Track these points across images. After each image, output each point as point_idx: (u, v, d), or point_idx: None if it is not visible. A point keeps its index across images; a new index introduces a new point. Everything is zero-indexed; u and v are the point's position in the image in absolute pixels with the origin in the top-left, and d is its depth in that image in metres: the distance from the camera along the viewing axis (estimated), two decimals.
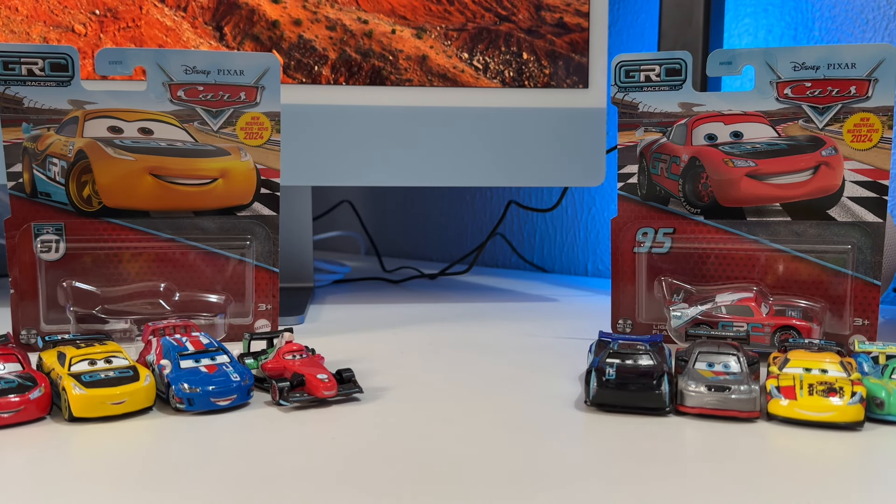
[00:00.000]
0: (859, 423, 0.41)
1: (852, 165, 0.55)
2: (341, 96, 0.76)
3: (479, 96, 0.77)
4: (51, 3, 0.70)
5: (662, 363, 0.44)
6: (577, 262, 1.09)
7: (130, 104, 0.58)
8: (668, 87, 0.58)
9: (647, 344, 0.48)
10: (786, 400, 0.41)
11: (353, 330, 0.67)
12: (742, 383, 0.42)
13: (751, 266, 0.57)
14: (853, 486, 0.34)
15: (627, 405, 0.43)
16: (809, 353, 0.45)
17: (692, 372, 0.44)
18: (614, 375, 0.43)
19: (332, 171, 0.76)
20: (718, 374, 0.44)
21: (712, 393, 0.42)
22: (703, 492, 0.33)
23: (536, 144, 0.77)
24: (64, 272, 0.58)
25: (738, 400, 0.42)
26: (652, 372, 0.43)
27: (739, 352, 0.45)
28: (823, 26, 0.87)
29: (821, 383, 0.42)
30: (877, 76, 0.53)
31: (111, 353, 0.45)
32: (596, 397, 0.43)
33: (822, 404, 0.40)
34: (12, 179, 0.57)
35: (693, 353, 0.46)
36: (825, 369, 0.43)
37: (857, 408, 0.40)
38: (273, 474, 0.35)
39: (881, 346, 0.47)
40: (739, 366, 0.44)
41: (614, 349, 0.46)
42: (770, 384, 0.43)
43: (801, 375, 0.43)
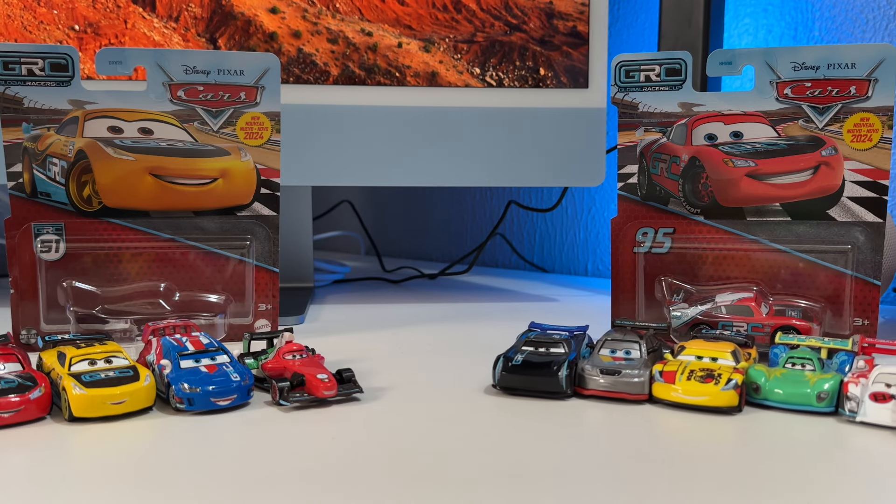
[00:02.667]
0: (735, 408, 0.43)
1: (852, 165, 0.55)
2: (341, 96, 0.76)
3: (479, 96, 0.77)
4: (24, 19, 0.65)
5: (570, 351, 0.48)
6: (577, 262, 1.09)
7: (130, 104, 0.58)
8: (668, 87, 0.58)
9: (569, 333, 0.51)
10: (665, 384, 0.45)
11: (353, 330, 0.67)
12: (634, 368, 0.46)
13: (751, 266, 0.57)
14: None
15: (529, 389, 0.47)
16: (706, 343, 0.48)
17: (594, 358, 0.48)
18: (520, 361, 0.47)
19: (332, 171, 0.76)
20: (617, 360, 0.47)
21: (605, 377, 0.46)
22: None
23: (536, 144, 0.77)
24: (64, 272, 0.58)
25: (627, 383, 0.45)
26: (553, 359, 0.47)
27: (643, 339, 0.49)
28: (823, 26, 0.87)
29: (702, 370, 0.45)
30: (877, 76, 0.53)
31: (111, 353, 0.45)
32: (501, 381, 0.47)
33: (697, 389, 0.44)
34: (12, 179, 0.57)
35: (602, 340, 0.49)
36: (715, 357, 0.46)
37: (731, 393, 0.43)
38: (273, 474, 0.35)
39: (803, 339, 0.49)
40: (639, 353, 0.48)
41: (531, 337, 0.49)
42: (656, 369, 0.46)
43: (687, 362, 0.46)
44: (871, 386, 0.41)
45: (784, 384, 0.44)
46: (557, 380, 0.46)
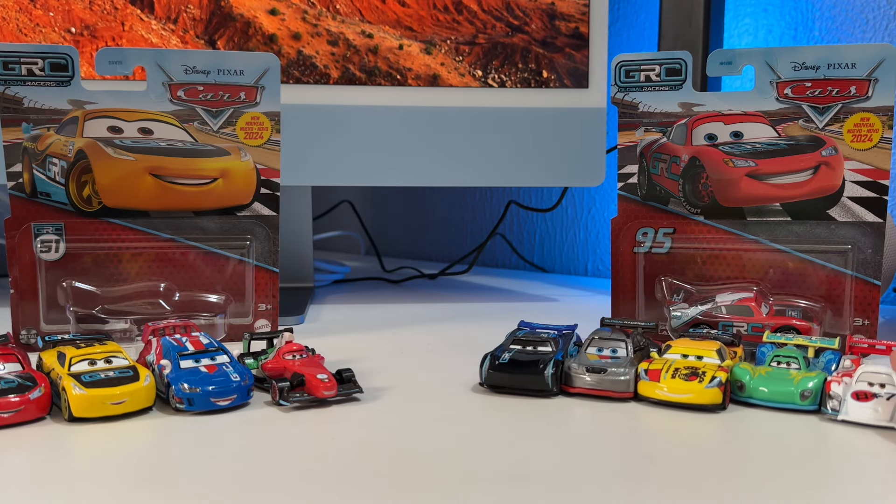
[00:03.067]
0: (718, 406, 0.44)
1: (852, 165, 0.55)
2: (341, 96, 0.76)
3: (478, 96, 0.77)
4: (20, 22, 0.64)
5: (556, 350, 0.48)
6: (577, 262, 1.09)
7: (130, 104, 0.58)
8: (668, 86, 0.58)
9: (557, 332, 0.51)
10: (650, 382, 0.45)
11: (353, 330, 0.67)
12: (620, 366, 0.46)
13: (751, 266, 0.57)
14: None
15: (516, 387, 0.47)
16: (692, 341, 0.48)
17: (581, 356, 0.48)
18: (507, 360, 0.47)
19: (332, 171, 0.76)
20: (603, 358, 0.47)
21: (591, 375, 0.46)
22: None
23: (536, 144, 0.77)
24: (64, 272, 0.58)
25: (613, 381, 0.46)
26: (540, 358, 0.47)
27: (629, 338, 0.49)
28: (823, 26, 0.87)
29: (686, 368, 0.45)
30: (877, 76, 0.53)
31: (111, 353, 0.45)
32: (488, 379, 0.47)
33: (681, 387, 0.44)
34: (12, 179, 0.57)
35: (589, 339, 0.49)
36: (700, 356, 0.46)
37: (715, 391, 0.43)
38: (273, 474, 0.35)
39: (790, 338, 0.49)
40: (625, 351, 0.48)
41: (519, 336, 0.50)
42: (641, 368, 0.46)
43: (672, 360, 0.46)
44: (855, 385, 0.42)
45: (768, 382, 0.44)
46: (543, 378, 0.46)
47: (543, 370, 0.46)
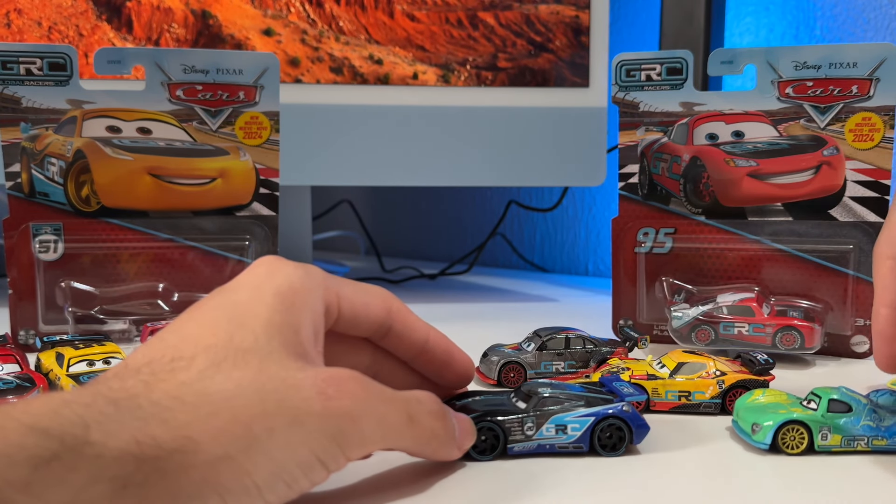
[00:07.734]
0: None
1: (854, 165, 0.55)
2: (341, 96, 0.75)
3: (479, 96, 0.77)
4: None
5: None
6: (577, 262, 1.09)
7: (129, 104, 0.58)
8: (669, 86, 0.58)
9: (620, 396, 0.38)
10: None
11: None
12: None
13: (752, 266, 0.57)
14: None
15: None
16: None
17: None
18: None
19: (331, 170, 0.75)
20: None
21: None
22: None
23: (536, 144, 0.77)
24: (62, 272, 0.58)
25: None
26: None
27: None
28: (825, 25, 0.87)
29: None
30: (878, 75, 0.53)
31: (110, 354, 0.45)
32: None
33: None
34: (10, 179, 0.57)
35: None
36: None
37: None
38: None
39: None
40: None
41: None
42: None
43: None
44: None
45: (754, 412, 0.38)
46: None
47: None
